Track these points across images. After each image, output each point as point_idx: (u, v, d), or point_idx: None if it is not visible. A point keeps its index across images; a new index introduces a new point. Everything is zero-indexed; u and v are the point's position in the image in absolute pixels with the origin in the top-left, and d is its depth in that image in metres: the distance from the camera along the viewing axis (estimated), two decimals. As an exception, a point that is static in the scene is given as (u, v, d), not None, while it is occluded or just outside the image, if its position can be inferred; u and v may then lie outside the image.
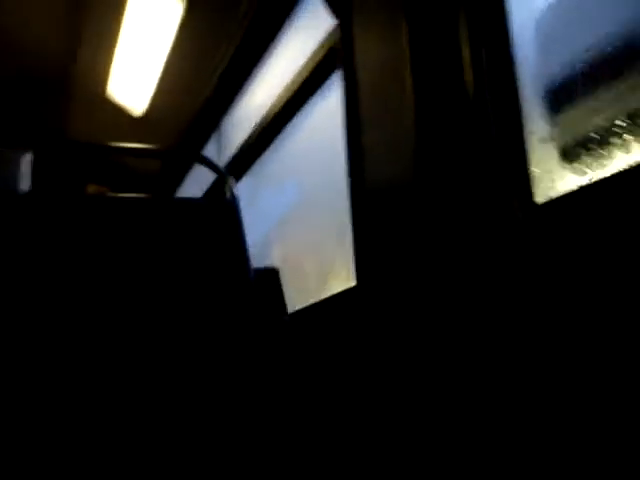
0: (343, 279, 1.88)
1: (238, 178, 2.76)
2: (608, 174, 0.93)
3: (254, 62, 2.73)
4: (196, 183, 3.60)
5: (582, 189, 0.98)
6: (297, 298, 1.93)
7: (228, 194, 1.92)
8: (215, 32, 2.83)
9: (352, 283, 1.60)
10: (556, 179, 1.08)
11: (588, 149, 1.03)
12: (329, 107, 2.03)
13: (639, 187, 0.85)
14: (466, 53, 1.29)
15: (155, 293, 1.58)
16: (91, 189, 4.12)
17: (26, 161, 2.98)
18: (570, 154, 1.07)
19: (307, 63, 2.07)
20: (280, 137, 2.43)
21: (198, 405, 1.47)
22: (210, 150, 3.36)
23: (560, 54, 1.09)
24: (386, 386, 1.37)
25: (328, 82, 2.04)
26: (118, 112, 3.69)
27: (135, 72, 3.36)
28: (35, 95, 3.74)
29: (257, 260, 1.85)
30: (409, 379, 1.29)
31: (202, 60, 2.99)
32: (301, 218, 2.25)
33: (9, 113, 3.83)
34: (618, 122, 0.97)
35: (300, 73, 2.12)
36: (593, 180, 1.00)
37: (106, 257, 1.55)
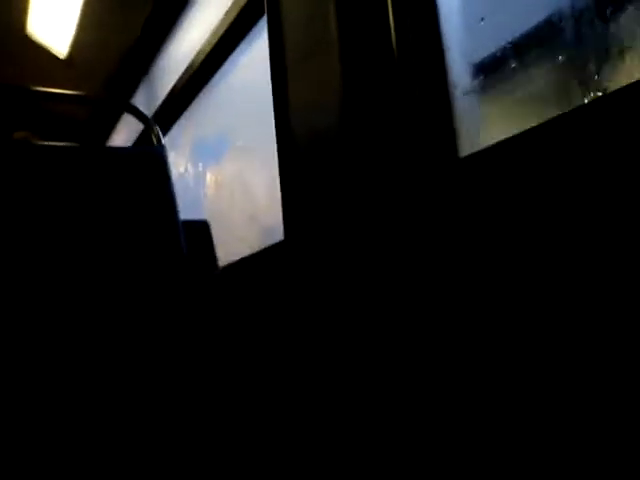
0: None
1: (168, 125, 2.67)
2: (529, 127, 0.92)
3: (181, 5, 2.61)
4: (128, 130, 3.48)
5: (504, 142, 0.97)
6: (228, 252, 1.90)
7: (155, 142, 1.86)
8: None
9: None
10: (480, 133, 1.07)
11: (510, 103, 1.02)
12: (259, 52, 1.96)
13: (559, 139, 0.85)
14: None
15: (80, 244, 1.54)
16: (18, 135, 3.94)
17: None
18: (493, 107, 1.06)
19: (233, 7, 1.98)
20: (211, 84, 2.34)
21: (123, 359, 1.46)
22: (141, 95, 3.23)
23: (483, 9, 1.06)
24: (313, 343, 1.37)
25: (257, 27, 1.97)
26: (41, 53, 3.48)
27: (55, 8, 3.16)
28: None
29: (187, 212, 1.80)
30: (336, 336, 1.29)
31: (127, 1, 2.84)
32: (231, 167, 2.19)
33: None
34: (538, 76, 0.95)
35: (226, 17, 2.04)
36: (514, 133, 0.99)
37: (32, 207, 1.51)
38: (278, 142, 1.56)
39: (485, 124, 1.07)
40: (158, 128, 1.87)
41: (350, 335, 1.24)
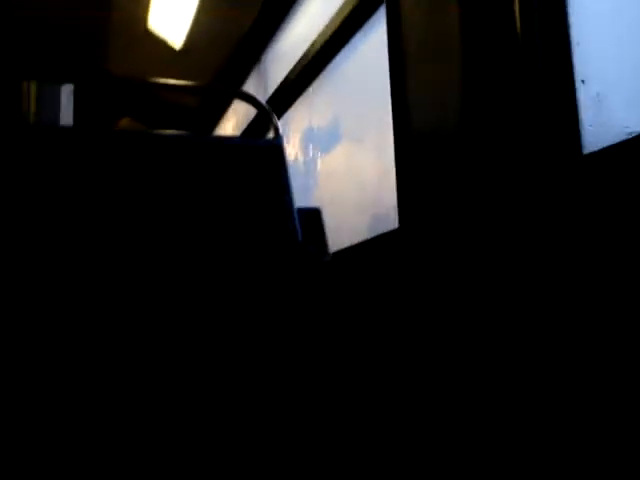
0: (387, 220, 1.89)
1: (281, 113, 2.75)
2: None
3: (296, -6, 2.67)
4: (235, 118, 3.60)
5: (631, 140, 0.97)
6: (338, 239, 1.95)
7: (272, 131, 1.92)
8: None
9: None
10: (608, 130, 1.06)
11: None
12: (376, 43, 1.99)
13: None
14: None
15: (196, 233, 1.59)
16: (123, 123, 4.15)
17: (68, 95, 3.02)
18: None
19: (350, -2, 2.02)
20: (324, 73, 2.40)
21: (233, 344, 1.50)
22: (250, 85, 3.34)
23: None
24: (425, 333, 1.40)
25: (374, 17, 2.00)
26: (158, 46, 3.67)
27: (174, 5, 3.33)
28: (77, 31, 3.74)
29: (300, 199, 1.86)
30: (448, 326, 1.31)
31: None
32: (345, 156, 2.25)
33: (52, 49, 3.85)
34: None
35: (342, 9, 2.08)
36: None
37: (146, 196, 1.55)
38: (395, 133, 1.59)
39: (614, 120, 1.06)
40: (275, 117, 1.94)
41: (462, 324, 1.27)
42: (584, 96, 1.10)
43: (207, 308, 1.50)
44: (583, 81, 1.11)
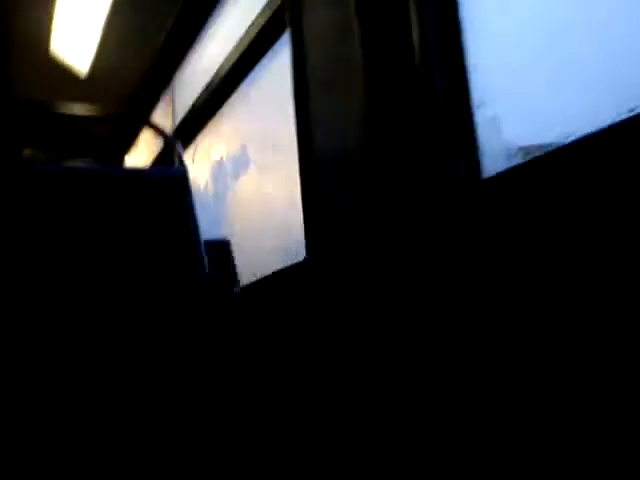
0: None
1: (190, 140, 2.68)
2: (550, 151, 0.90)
3: (203, 19, 2.62)
4: (146, 145, 3.50)
5: (526, 164, 0.96)
6: (248, 271, 1.90)
7: (177, 162, 1.86)
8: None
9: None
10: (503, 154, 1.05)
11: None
12: (281, 67, 1.96)
13: (584, 162, 0.83)
14: (414, 16, 1.24)
15: (100, 267, 1.54)
16: (27, 153, 3.98)
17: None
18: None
19: (255, 22, 1.98)
20: (232, 99, 2.35)
21: (146, 379, 1.45)
22: (159, 111, 3.25)
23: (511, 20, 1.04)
24: (334, 363, 1.36)
25: (279, 42, 1.97)
26: (63, 72, 3.53)
27: (77, 29, 3.21)
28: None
29: (208, 231, 1.80)
30: (358, 355, 1.27)
31: (148, 17, 2.86)
32: (253, 186, 2.19)
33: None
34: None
35: (248, 32, 2.04)
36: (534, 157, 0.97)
37: (48, 230, 1.50)
38: (300, 162, 1.55)
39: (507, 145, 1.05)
40: (180, 145, 1.87)
41: (369, 353, 1.23)
42: (481, 119, 1.09)
43: (111, 346, 1.44)
44: (479, 106, 1.10)
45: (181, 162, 1.83)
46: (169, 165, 2.67)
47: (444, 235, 1.08)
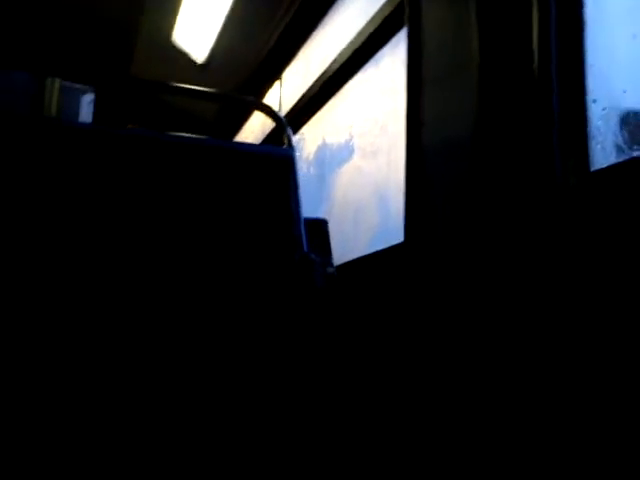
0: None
1: (296, 129, 2.79)
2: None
3: (319, 14, 2.73)
4: (252, 133, 3.64)
5: (636, 159, 0.98)
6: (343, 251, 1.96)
7: (286, 143, 1.93)
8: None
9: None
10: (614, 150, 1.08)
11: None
12: (393, 64, 2.03)
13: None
14: (535, 16, 1.28)
15: (201, 237, 1.59)
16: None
17: (89, 103, 3.07)
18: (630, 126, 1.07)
19: (373, 18, 2.06)
20: (342, 91, 2.44)
21: (237, 352, 1.49)
22: (270, 100, 3.39)
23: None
24: (430, 345, 1.40)
25: (394, 39, 2.04)
26: (182, 59, 3.73)
27: (200, 20, 3.40)
28: (103, 42, 3.82)
29: (308, 211, 1.88)
30: (453, 339, 1.32)
31: (265, 10, 2.99)
32: (355, 173, 2.27)
33: (79, 58, 3.92)
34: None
35: (365, 28, 2.12)
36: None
37: (153, 199, 1.56)
38: (407, 149, 1.62)
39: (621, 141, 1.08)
40: (290, 129, 1.96)
41: (464, 337, 1.27)
42: (594, 114, 1.12)
43: (211, 315, 1.50)
44: (595, 101, 1.13)
45: (290, 143, 1.91)
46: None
47: (550, 228, 1.11)
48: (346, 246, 2.06)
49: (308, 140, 2.74)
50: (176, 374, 1.41)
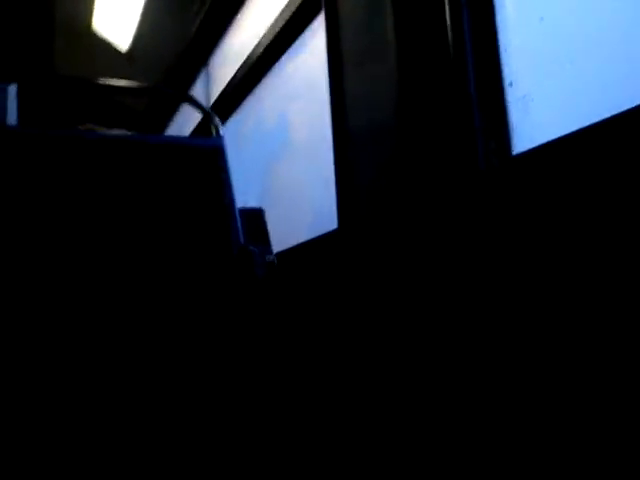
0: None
1: (225, 117, 2.75)
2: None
3: (240, -1, 2.68)
4: (183, 122, 3.57)
5: (555, 142, 1.01)
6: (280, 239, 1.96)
7: (214, 133, 1.90)
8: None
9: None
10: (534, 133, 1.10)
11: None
12: (317, 46, 2.01)
13: (613, 140, 0.88)
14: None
15: (136, 234, 1.57)
16: (83, 127, 4.07)
17: (12, 94, 2.94)
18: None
19: (290, 3, 2.04)
20: (267, 76, 2.41)
21: (185, 352, 1.48)
22: (198, 89, 3.32)
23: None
24: (363, 330, 1.42)
25: (316, 22, 2.02)
26: (104, 47, 3.62)
27: (118, 5, 3.29)
28: (21, 31, 3.66)
29: (242, 200, 1.86)
30: (385, 325, 1.33)
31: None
32: (286, 158, 2.26)
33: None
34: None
35: (285, 10, 2.09)
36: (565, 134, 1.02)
37: (86, 198, 1.53)
38: (334, 135, 1.61)
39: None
40: (217, 119, 1.93)
41: (396, 321, 1.29)
42: (512, 98, 1.14)
43: (152, 314, 1.48)
44: (511, 84, 1.14)
45: (218, 134, 1.88)
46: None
47: (472, 209, 1.13)
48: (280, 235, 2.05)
49: (236, 128, 2.70)
50: (112, 371, 1.39)
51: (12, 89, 2.95)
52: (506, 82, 1.17)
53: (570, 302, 0.92)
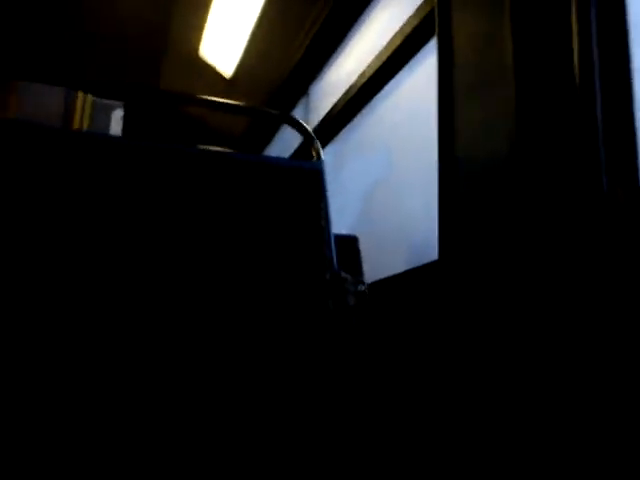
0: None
1: (324, 144, 2.75)
2: None
3: (346, 27, 2.69)
4: (281, 148, 3.62)
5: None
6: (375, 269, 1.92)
7: (315, 157, 1.90)
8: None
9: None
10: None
11: None
12: (423, 77, 1.98)
13: None
14: (574, 24, 1.22)
15: (231, 252, 1.57)
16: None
17: (118, 114, 3.08)
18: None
19: (401, 30, 2.02)
20: (370, 105, 2.39)
21: (271, 367, 1.47)
22: (297, 114, 3.36)
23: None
24: (463, 363, 1.35)
25: (423, 51, 1.99)
26: (209, 74, 3.74)
27: (226, 34, 3.39)
28: (132, 57, 3.84)
29: (337, 227, 1.84)
30: (487, 357, 1.26)
31: (293, 24, 2.97)
32: (387, 189, 2.22)
33: (108, 72, 3.96)
34: None
35: (393, 40, 2.08)
36: None
37: (186, 213, 1.53)
38: (440, 166, 1.56)
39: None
40: (318, 143, 1.93)
41: (499, 358, 1.21)
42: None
43: (242, 337, 1.47)
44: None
45: (319, 157, 1.88)
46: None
47: (595, 246, 1.05)
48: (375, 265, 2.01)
49: (339, 154, 2.70)
50: (195, 399, 1.38)
51: (117, 115, 3.09)
52: (636, 109, 1.09)
53: None
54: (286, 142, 3.39)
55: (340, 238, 1.85)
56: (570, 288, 1.08)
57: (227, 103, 2.08)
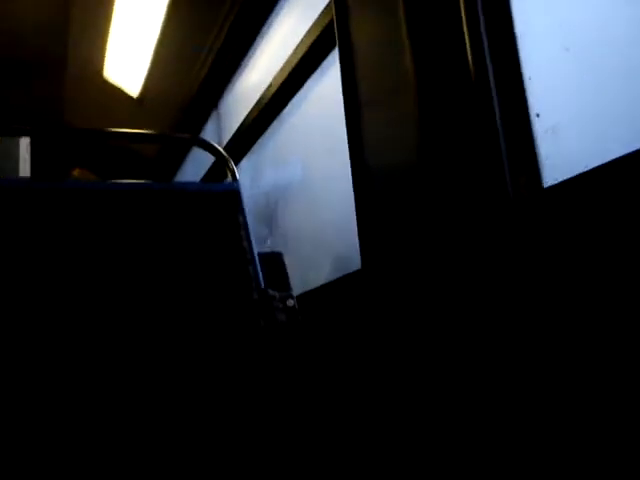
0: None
1: (238, 159, 2.74)
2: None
3: (250, 40, 2.68)
4: (196, 167, 3.57)
5: (590, 172, 0.96)
6: (300, 282, 1.92)
7: (230, 177, 1.89)
8: (209, 10, 2.78)
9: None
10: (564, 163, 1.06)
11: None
12: (331, 85, 2.00)
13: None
14: (467, 28, 1.26)
15: (155, 282, 1.55)
16: (76, 173, 4.11)
17: (26, 147, 2.97)
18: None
19: (303, 41, 2.03)
20: (281, 116, 2.39)
21: (204, 385, 1.45)
22: (209, 130, 3.33)
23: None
24: (389, 371, 1.37)
25: (329, 59, 2.00)
26: (115, 94, 3.65)
27: (129, 53, 3.32)
28: (32, 80, 3.71)
29: (259, 242, 1.83)
30: (412, 365, 1.28)
31: (196, 40, 2.94)
32: (303, 199, 2.23)
33: (6, 98, 3.80)
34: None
35: (297, 51, 2.08)
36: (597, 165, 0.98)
37: (104, 248, 1.52)
38: (353, 175, 1.58)
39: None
40: (232, 162, 1.92)
41: (426, 368, 1.24)
42: (539, 129, 1.10)
43: (172, 362, 1.45)
44: (538, 115, 1.11)
45: (233, 176, 1.87)
46: (220, 181, 2.73)
47: (502, 245, 1.09)
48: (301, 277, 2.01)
49: (251, 169, 2.69)
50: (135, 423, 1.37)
51: (24, 142, 2.99)
52: (532, 113, 1.13)
53: (600, 335, 0.87)
54: (200, 161, 3.35)
55: (264, 256, 1.84)
56: (480, 287, 1.11)
57: (135, 133, 2.04)
